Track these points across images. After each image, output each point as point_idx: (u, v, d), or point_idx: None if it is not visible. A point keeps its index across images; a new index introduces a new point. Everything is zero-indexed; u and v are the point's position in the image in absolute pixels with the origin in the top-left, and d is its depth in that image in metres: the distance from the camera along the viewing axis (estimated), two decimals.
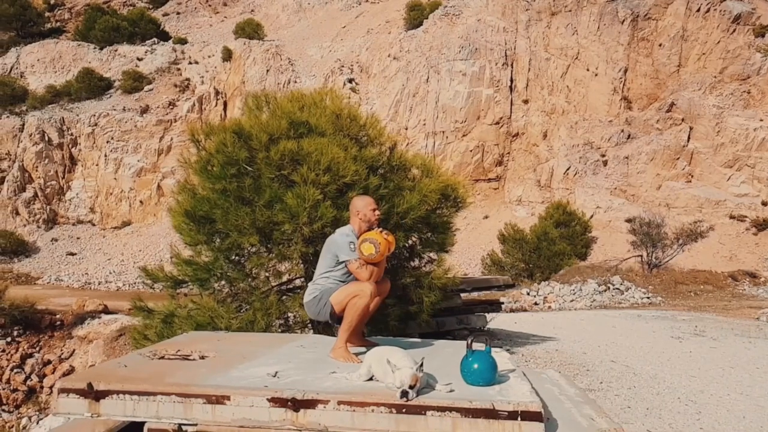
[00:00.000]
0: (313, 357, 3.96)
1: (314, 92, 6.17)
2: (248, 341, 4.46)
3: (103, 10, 49.17)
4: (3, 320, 17.65)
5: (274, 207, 5.17)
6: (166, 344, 4.22)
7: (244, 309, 5.36)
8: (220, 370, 3.46)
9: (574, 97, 31.20)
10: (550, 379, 4.40)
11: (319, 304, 4.19)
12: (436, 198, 6.00)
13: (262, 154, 5.32)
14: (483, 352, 3.42)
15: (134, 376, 3.26)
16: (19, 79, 43.19)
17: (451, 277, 6.09)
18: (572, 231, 24.26)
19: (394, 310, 5.81)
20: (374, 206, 4.40)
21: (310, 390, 3.04)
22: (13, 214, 36.09)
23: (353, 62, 37.10)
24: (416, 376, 3.04)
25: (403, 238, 5.79)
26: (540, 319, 13.72)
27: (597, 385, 5.92)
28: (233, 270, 5.45)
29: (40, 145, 36.99)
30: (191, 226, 5.41)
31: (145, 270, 5.76)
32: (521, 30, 32.83)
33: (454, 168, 32.38)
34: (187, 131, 5.62)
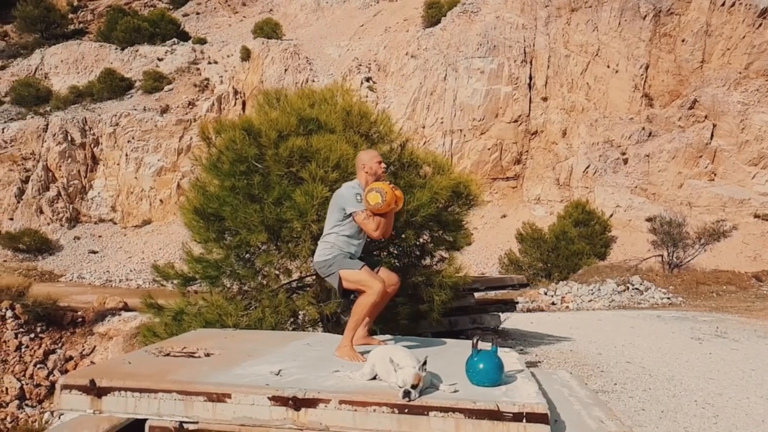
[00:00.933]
0: (319, 355, 3.92)
1: (325, 89, 6.15)
2: (255, 339, 4.44)
3: (124, 11, 49.72)
4: (27, 317, 17.94)
5: (283, 204, 5.15)
6: (172, 341, 4.21)
7: (253, 307, 5.35)
8: (223, 367, 3.44)
9: (594, 94, 30.84)
10: (560, 379, 4.32)
11: (329, 269, 4.13)
12: (447, 195, 5.94)
13: (271, 150, 5.30)
14: (489, 351, 3.36)
15: (137, 372, 3.25)
16: (44, 80, 43.85)
17: (462, 276, 6.03)
18: (591, 230, 23.99)
19: (405, 309, 5.76)
20: (379, 159, 4.33)
21: (311, 389, 3.00)
22: (37, 213, 36.65)
23: (371, 61, 37.07)
24: (419, 375, 2.99)
25: (414, 236, 5.73)
26: (557, 319, 13.57)
27: (611, 387, 5.82)
28: (243, 268, 5.44)
29: (63, 145, 37.52)
30: (201, 223, 5.41)
31: (156, 267, 5.78)
32: (540, 27, 32.53)
33: (472, 166, 32.21)
34: (198, 129, 5.61)
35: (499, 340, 8.31)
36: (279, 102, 5.80)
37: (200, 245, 5.70)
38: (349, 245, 4.18)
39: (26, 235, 34.63)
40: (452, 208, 6.32)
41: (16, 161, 38.01)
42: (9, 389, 16.28)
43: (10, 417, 15.86)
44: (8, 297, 18.48)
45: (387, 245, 5.99)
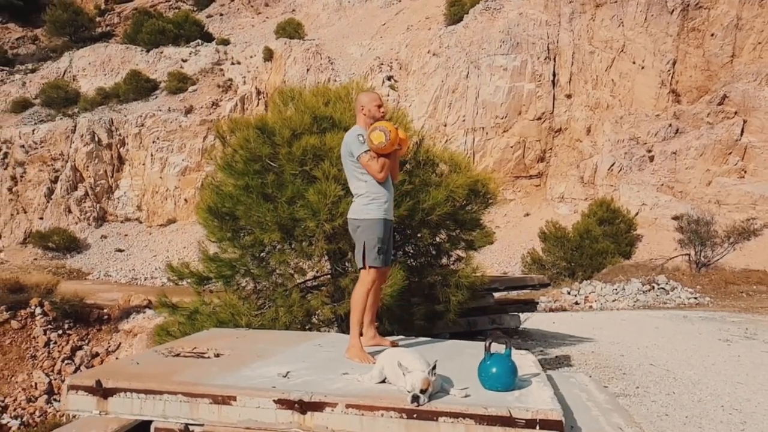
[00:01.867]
0: (329, 356, 3.86)
1: (340, 86, 6.08)
2: (267, 339, 4.39)
3: (149, 13, 50.35)
4: (55, 314, 18.26)
5: (296, 203, 5.10)
6: (184, 341, 4.19)
7: (267, 306, 5.31)
8: (231, 368, 3.39)
9: (619, 91, 30.35)
10: (578, 383, 4.20)
11: (355, 233, 4.05)
12: (464, 194, 5.84)
13: (285, 149, 5.25)
14: (502, 355, 3.25)
15: (144, 373, 3.21)
16: (72, 83, 44.61)
17: (479, 276, 5.91)
18: (616, 229, 23.60)
19: (420, 309, 5.67)
20: (379, 102, 4.21)
21: (318, 392, 2.94)
22: (66, 212, 37.30)
23: (392, 59, 36.98)
24: (428, 379, 2.91)
25: (429, 235, 5.64)
26: (579, 319, 13.35)
27: (632, 390, 5.65)
28: (257, 267, 5.41)
29: (90, 146, 38.11)
30: (216, 222, 5.39)
31: (171, 267, 5.77)
32: (564, 23, 32.12)
33: (494, 165, 31.95)
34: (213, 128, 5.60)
35: (518, 340, 8.17)
36: (294, 100, 5.76)
37: (215, 244, 5.68)
38: (384, 195, 4.05)
39: (55, 234, 35.31)
40: (470, 207, 6.20)
41: (46, 162, 38.73)
42: (38, 384, 16.56)
43: (38, 411, 16.13)
44: (37, 294, 18.83)
45: (403, 244, 5.92)
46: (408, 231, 5.70)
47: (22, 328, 18.76)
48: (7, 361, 18.05)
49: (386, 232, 4.08)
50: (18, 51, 50.98)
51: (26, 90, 44.85)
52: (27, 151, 39.01)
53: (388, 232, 4.11)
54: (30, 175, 38.48)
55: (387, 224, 4.10)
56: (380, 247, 3.98)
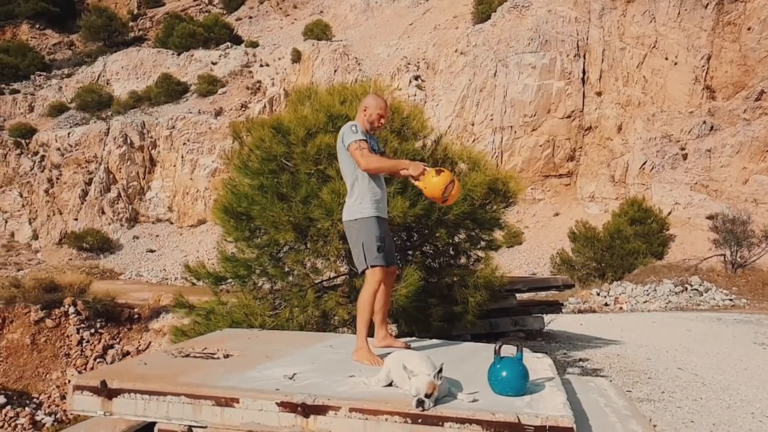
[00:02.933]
0: (338, 358, 3.79)
1: (357, 85, 6.01)
2: (278, 340, 4.35)
3: (180, 17, 51.06)
4: (87, 313, 18.57)
5: (311, 203, 5.05)
6: (195, 342, 4.17)
7: (282, 307, 5.27)
8: (238, 370, 3.35)
9: (651, 87, 29.73)
10: (597, 388, 4.06)
11: (355, 231, 3.92)
12: (482, 193, 5.71)
13: (299, 148, 5.21)
14: (513, 358, 3.14)
15: (150, 374, 3.19)
16: (106, 86, 45.53)
17: (499, 276, 5.78)
18: (648, 228, 23.12)
19: (438, 310, 5.57)
20: (384, 112, 4.04)
21: (321, 395, 2.87)
22: (99, 213, 38.05)
23: (419, 59, 36.84)
24: (433, 383, 2.82)
25: (446, 235, 5.54)
26: (608, 320, 13.07)
27: (657, 396, 5.46)
28: (273, 267, 5.37)
29: (123, 148, 38.81)
30: (232, 222, 5.38)
31: (188, 267, 5.78)
32: (594, 19, 31.59)
33: (523, 164, 31.60)
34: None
35: (541, 342, 8.00)
36: (309, 99, 5.71)
37: (232, 244, 5.67)
38: (374, 192, 3.92)
39: (89, 235, 36.03)
40: (489, 206, 6.08)
41: (80, 164, 39.58)
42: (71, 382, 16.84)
43: None
44: (71, 294, 19.17)
45: (421, 244, 5.83)
46: (425, 231, 5.60)
47: (56, 327, 19.10)
48: (42, 358, 18.39)
49: (383, 230, 3.96)
50: (55, 56, 52.19)
51: (62, 94, 45.92)
52: (62, 153, 39.91)
53: (384, 230, 3.99)
54: (65, 177, 39.37)
55: (382, 222, 3.99)
56: (379, 245, 3.86)
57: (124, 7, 56.05)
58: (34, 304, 18.35)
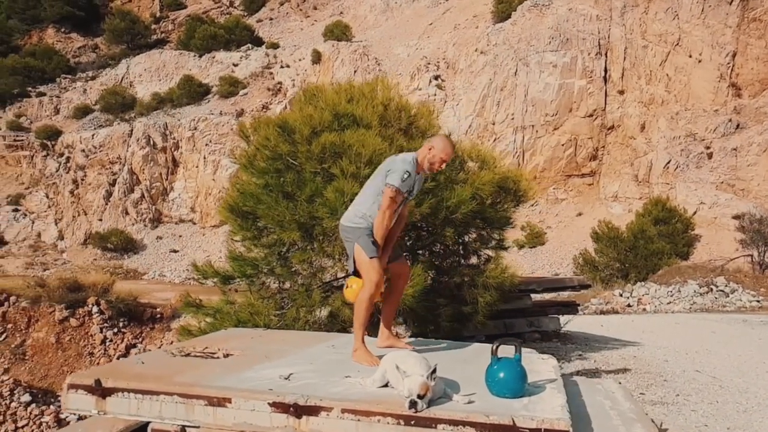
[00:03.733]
0: (339, 358, 3.74)
1: (365, 83, 5.97)
2: (282, 339, 4.32)
3: (202, 19, 51.56)
4: (110, 312, 18.80)
5: (316, 202, 5.01)
6: (197, 341, 4.15)
7: (288, 306, 5.24)
8: (235, 369, 3.32)
9: (674, 86, 29.23)
10: (605, 390, 3.95)
11: (349, 237, 3.89)
12: (491, 191, 5.62)
13: (304, 147, 5.18)
14: (510, 359, 3.07)
15: (145, 373, 3.17)
16: (129, 88, 46.15)
17: (509, 277, 5.68)
18: (672, 228, 22.74)
19: (447, 310, 5.49)
20: (447, 157, 3.92)
21: (314, 395, 2.83)
22: (123, 214, 38.54)
23: (439, 59, 36.70)
24: (426, 384, 2.75)
25: (453, 234, 5.46)
26: (629, 321, 12.84)
27: (671, 398, 5.31)
28: (279, 266, 5.35)
29: (146, 149, 39.28)
30: (238, 221, 5.37)
31: (196, 266, 5.78)
32: (616, 17, 31.17)
33: (545, 163, 31.31)
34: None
35: (557, 342, 7.87)
36: (316, 98, 5.68)
37: (240, 244, 5.66)
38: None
39: (113, 235, 36.51)
40: (499, 205, 5.99)
41: (105, 165, 40.15)
42: None
43: None
44: (94, 293, 19.42)
45: (429, 244, 5.75)
46: (431, 229, 5.53)
47: (80, 326, 19.32)
48: (66, 357, 18.61)
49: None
50: (79, 59, 53.04)
51: (87, 96, 46.65)
52: (87, 155, 40.53)
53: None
54: (90, 178, 39.96)
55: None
56: (373, 239, 3.82)
57: (146, 10, 56.77)
58: (59, 304, 18.61)
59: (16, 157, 42.56)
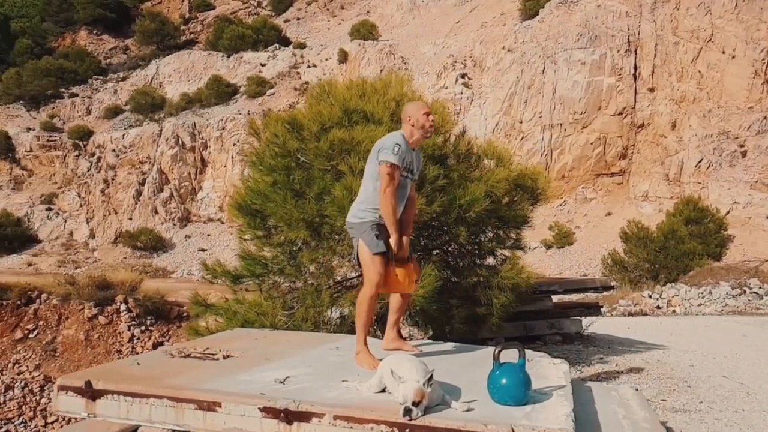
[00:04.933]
0: (341, 361, 3.63)
1: (378, 79, 5.85)
2: (286, 341, 4.22)
3: (230, 20, 51.99)
4: (138, 310, 19.01)
5: (324, 199, 4.90)
6: (199, 342, 4.08)
7: (297, 306, 5.14)
8: (231, 372, 3.23)
9: (707, 82, 28.48)
10: (619, 397, 3.77)
11: (353, 232, 3.78)
12: (506, 189, 5.44)
13: (313, 144, 5.07)
14: (514, 365, 2.91)
15: (138, 375, 3.10)
16: (158, 89, 46.76)
17: (525, 278, 5.50)
18: (704, 229, 22.19)
19: (460, 312, 5.33)
20: (428, 110, 3.87)
21: (306, 401, 2.71)
22: (152, 213, 39.05)
23: (466, 57, 36.39)
24: (422, 391, 2.62)
25: (466, 234, 5.29)
26: (658, 324, 12.49)
27: (695, 406, 5.07)
28: (289, 266, 5.25)
29: (175, 149, 39.72)
30: (247, 220, 5.29)
31: (205, 265, 5.72)
32: (646, 13, 30.51)
33: (573, 162, 30.83)
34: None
35: (579, 345, 7.64)
36: (327, 94, 5.57)
37: (251, 242, 5.58)
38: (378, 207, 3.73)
39: (143, 234, 37.02)
40: (516, 204, 5.80)
41: (134, 165, 40.74)
42: None
43: None
44: (122, 292, 19.66)
45: (442, 244, 5.61)
46: (444, 228, 5.38)
47: (108, 324, 19.56)
48: (95, 355, 18.85)
49: (382, 231, 3.75)
50: (111, 60, 53.94)
51: (117, 97, 47.39)
52: (117, 155, 41.18)
53: (383, 233, 3.77)
54: (120, 178, 40.59)
55: (380, 227, 3.78)
56: (377, 233, 3.68)
57: (176, 12, 57.46)
58: (88, 301, 18.88)
59: (50, 157, 43.45)
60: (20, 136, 43.73)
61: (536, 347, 7.75)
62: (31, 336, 18.43)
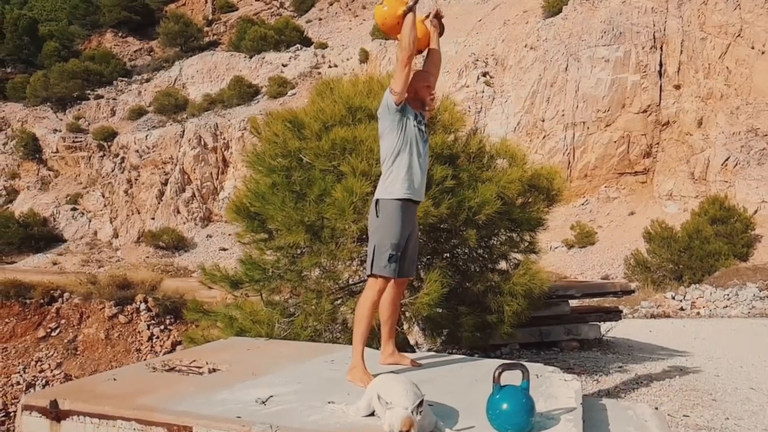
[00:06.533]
0: (333, 376, 3.37)
1: (386, 75, 5.60)
2: (279, 352, 3.98)
3: (253, 21, 52.14)
4: (158, 309, 19.03)
5: (324, 202, 4.67)
6: (187, 353, 3.87)
7: (297, 314, 4.92)
8: (211, 389, 3.00)
9: (735, 79, 27.71)
10: (636, 418, 3.46)
11: (372, 223, 3.45)
12: (518, 190, 5.15)
13: (313, 143, 4.84)
14: (516, 388, 2.64)
15: (109, 393, 2.88)
16: (181, 90, 47.11)
17: (538, 283, 5.19)
18: (731, 228, 21.61)
19: (468, 320, 5.05)
20: (429, 83, 3.66)
21: (284, 426, 2.47)
22: (174, 213, 39.32)
23: (488, 55, 35.96)
24: (411, 419, 2.35)
25: (476, 237, 5.01)
26: (681, 327, 12.06)
27: (720, 423, 4.73)
28: (289, 271, 5.03)
29: (197, 150, 39.94)
30: (246, 222, 5.08)
31: (204, 269, 5.53)
32: (672, 9, 29.81)
33: (596, 161, 30.28)
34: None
35: (597, 352, 7.31)
36: (332, 91, 5.33)
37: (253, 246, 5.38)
38: (408, 168, 3.42)
39: (165, 234, 37.29)
40: (531, 205, 5.51)
41: (157, 165, 41.07)
42: None
43: None
44: (143, 291, 19.71)
45: (451, 248, 5.34)
46: (453, 231, 5.11)
47: (128, 323, 19.64)
48: (115, 353, 18.92)
49: (406, 228, 3.41)
50: (135, 62, 54.46)
51: (141, 98, 47.81)
52: (141, 155, 41.55)
53: (408, 227, 3.45)
54: (143, 178, 40.94)
55: (410, 210, 3.46)
56: (392, 254, 3.32)
57: (199, 13, 57.81)
58: (109, 300, 18.96)
59: (75, 158, 44.00)
60: (47, 137, 44.38)
61: (552, 354, 7.44)
62: (53, 334, 18.56)
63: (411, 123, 3.50)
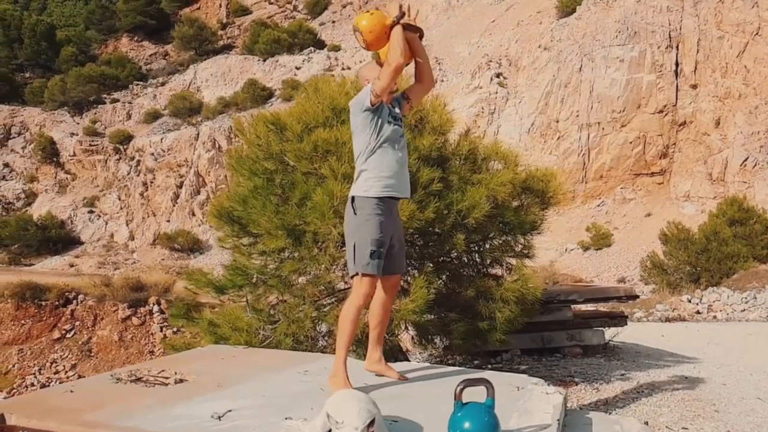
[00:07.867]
0: (300, 389, 3.21)
1: None
2: (254, 361, 3.84)
3: (266, 24, 52.33)
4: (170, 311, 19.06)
5: (306, 205, 4.53)
6: (157, 362, 3.75)
7: (279, 320, 4.78)
8: (167, 403, 2.86)
9: (753, 78, 27.15)
10: None
11: (348, 222, 3.35)
12: (509, 192, 4.96)
13: (294, 145, 4.71)
14: (480, 405, 2.47)
15: (63, 407, 2.76)
16: (196, 93, 47.40)
17: (531, 289, 5.00)
18: (750, 230, 21.08)
19: (458, 327, 4.88)
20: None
21: None
22: (189, 215, 39.54)
23: (501, 56, 35.67)
24: None
25: (465, 241, 4.84)
26: (695, 331, 11.74)
27: None
28: (272, 276, 4.90)
29: (211, 152, 40.14)
30: (228, 227, 4.96)
31: (189, 274, 5.42)
32: (688, 8, 29.31)
33: (612, 162, 29.86)
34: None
35: (601, 358, 7.08)
36: (315, 92, 5.19)
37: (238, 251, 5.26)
38: (388, 167, 3.31)
39: (180, 236, 37.49)
40: (524, 209, 5.32)
41: (173, 168, 41.34)
42: None
43: None
44: (156, 293, 19.78)
45: (440, 253, 5.17)
46: (440, 236, 4.94)
47: (141, 325, 19.71)
48: (128, 355, 18.96)
49: (387, 224, 3.27)
50: (151, 66, 54.94)
51: (156, 102, 48.21)
52: (156, 158, 41.86)
53: (390, 222, 3.31)
54: (159, 181, 41.23)
55: (390, 207, 3.32)
56: (374, 249, 3.16)
57: (213, 17, 58.17)
58: (122, 302, 19.04)
59: (92, 161, 44.45)
60: (64, 141, 44.91)
61: (554, 360, 7.23)
62: (68, 336, 18.67)
63: (385, 118, 3.42)
